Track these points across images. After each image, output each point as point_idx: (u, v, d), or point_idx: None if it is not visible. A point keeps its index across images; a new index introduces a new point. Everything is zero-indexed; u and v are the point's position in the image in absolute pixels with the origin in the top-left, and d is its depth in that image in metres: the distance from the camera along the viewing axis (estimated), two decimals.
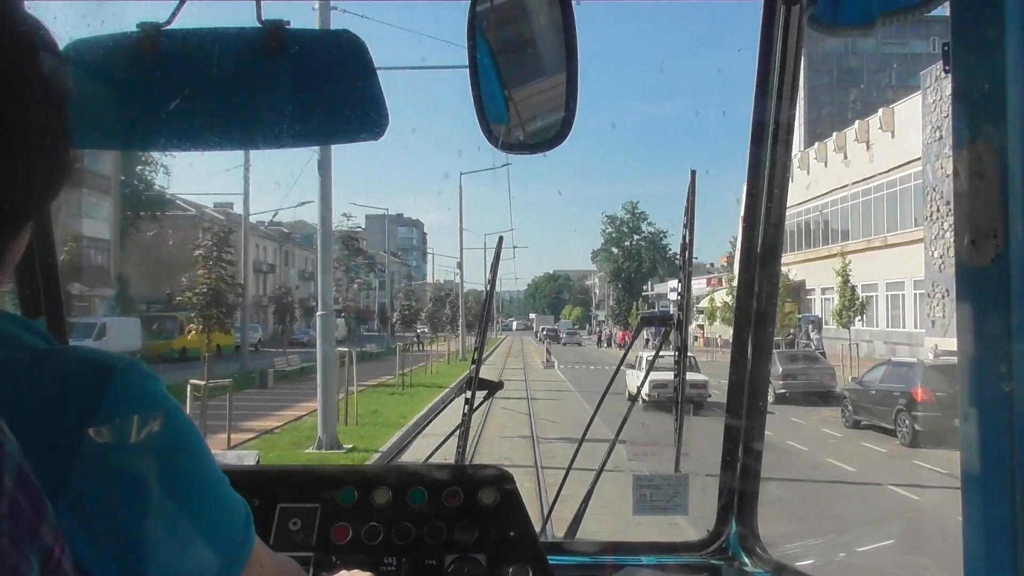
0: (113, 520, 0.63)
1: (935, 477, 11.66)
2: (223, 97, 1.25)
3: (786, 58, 1.73)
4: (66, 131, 0.70)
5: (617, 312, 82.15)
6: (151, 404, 0.67)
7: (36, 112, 0.66)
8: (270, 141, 1.33)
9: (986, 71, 0.75)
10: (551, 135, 1.24)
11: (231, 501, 0.74)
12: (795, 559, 1.86)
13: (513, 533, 1.48)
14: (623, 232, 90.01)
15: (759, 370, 1.90)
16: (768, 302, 1.89)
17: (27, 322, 0.69)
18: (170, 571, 0.66)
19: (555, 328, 77.35)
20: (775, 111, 1.77)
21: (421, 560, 1.45)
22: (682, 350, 2.03)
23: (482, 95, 1.22)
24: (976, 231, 0.74)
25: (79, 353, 0.67)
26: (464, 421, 2.01)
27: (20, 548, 0.49)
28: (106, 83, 1.15)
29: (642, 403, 2.82)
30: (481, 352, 2.18)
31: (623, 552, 1.86)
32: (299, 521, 1.48)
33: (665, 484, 1.94)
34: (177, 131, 1.27)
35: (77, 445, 0.61)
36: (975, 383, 0.77)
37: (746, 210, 1.88)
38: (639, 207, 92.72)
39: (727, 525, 1.91)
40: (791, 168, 1.82)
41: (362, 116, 1.28)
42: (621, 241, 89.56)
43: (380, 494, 1.52)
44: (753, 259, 1.88)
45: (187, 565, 0.68)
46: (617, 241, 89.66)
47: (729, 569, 1.82)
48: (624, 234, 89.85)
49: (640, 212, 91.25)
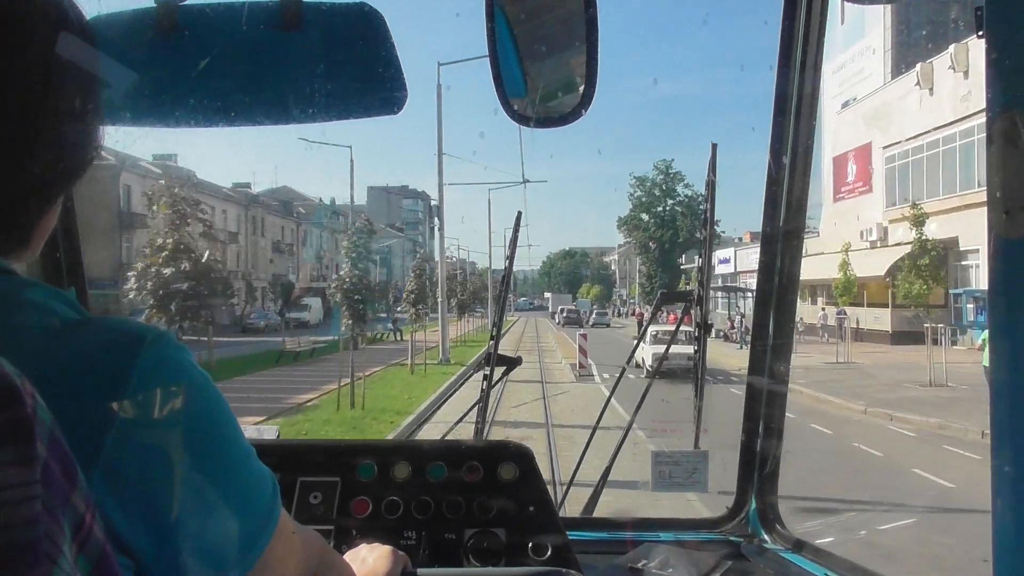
0: (144, 489, 0.63)
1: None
2: (241, 72, 1.24)
3: (810, 29, 1.69)
4: (95, 107, 0.71)
5: (648, 289, 69.39)
6: (181, 374, 0.67)
7: (65, 88, 0.67)
8: (288, 116, 1.32)
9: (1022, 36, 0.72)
10: (571, 108, 1.22)
11: (259, 472, 0.75)
12: (815, 536, 1.85)
13: (532, 508, 1.48)
14: (655, 196, 77.39)
15: (780, 348, 1.89)
16: (790, 281, 1.87)
17: (59, 292, 0.70)
18: (199, 540, 0.67)
19: (576, 309, 65.82)
20: (798, 83, 1.74)
21: (440, 534, 1.46)
22: (702, 326, 2.01)
23: (500, 67, 1.21)
24: (1010, 202, 0.72)
25: (110, 323, 0.67)
26: (483, 396, 2.01)
27: (53, 514, 0.50)
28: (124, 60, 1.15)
29: (645, 374, 2.86)
30: (500, 327, 2.19)
31: (642, 528, 1.86)
32: (319, 495, 1.50)
33: (684, 460, 1.94)
34: (194, 107, 1.27)
35: (108, 415, 0.61)
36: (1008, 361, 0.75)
37: (768, 186, 1.85)
38: (673, 167, 77.62)
39: (747, 502, 1.91)
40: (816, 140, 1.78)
41: (380, 90, 1.27)
42: (653, 206, 77.29)
43: (400, 469, 1.53)
44: (776, 236, 1.85)
45: (216, 534, 0.69)
46: (648, 207, 77.40)
47: (749, 546, 1.82)
48: (656, 198, 77.18)
49: (675, 172, 76.80)
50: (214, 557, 0.69)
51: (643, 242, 76.13)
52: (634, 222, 78.32)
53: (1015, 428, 0.75)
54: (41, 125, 0.65)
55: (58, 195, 0.71)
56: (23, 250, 0.70)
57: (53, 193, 0.70)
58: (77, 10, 0.71)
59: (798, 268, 1.88)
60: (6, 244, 0.68)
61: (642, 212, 77.58)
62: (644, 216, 77.12)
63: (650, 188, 77.76)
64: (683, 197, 75.21)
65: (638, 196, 78.27)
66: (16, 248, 0.69)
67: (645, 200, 77.66)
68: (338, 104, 1.35)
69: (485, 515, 1.47)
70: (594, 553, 1.70)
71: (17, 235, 0.69)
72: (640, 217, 77.37)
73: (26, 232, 0.69)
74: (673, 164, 78.31)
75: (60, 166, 0.68)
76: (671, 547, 1.76)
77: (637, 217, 77.81)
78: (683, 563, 1.64)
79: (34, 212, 0.69)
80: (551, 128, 1.27)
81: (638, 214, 77.86)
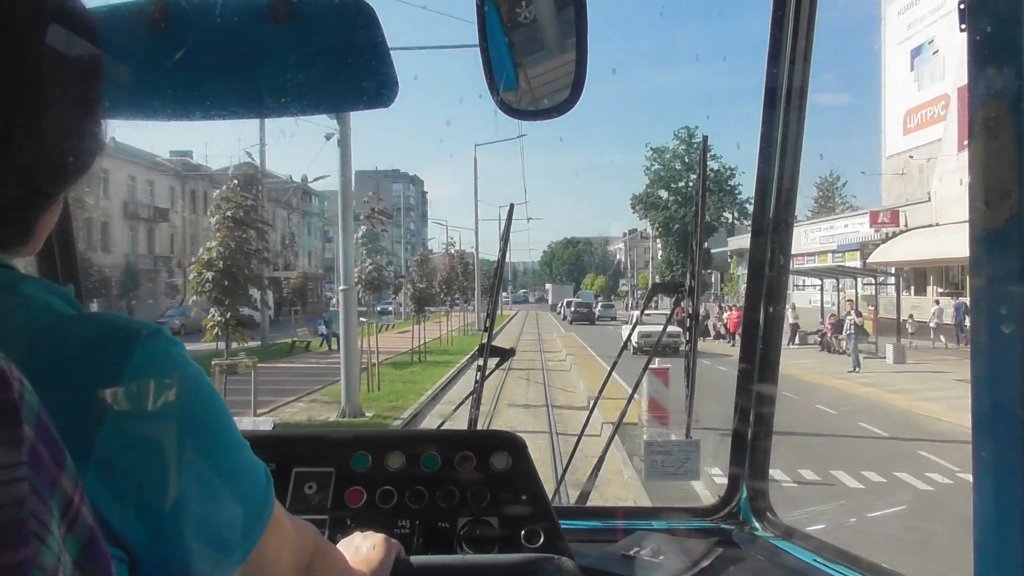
0: (138, 482, 0.64)
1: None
2: (230, 65, 1.25)
3: (799, 21, 1.70)
4: (97, 102, 0.71)
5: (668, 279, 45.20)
6: (175, 369, 0.68)
7: (66, 83, 0.67)
8: (278, 109, 1.33)
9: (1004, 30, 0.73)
10: (562, 100, 1.23)
11: (252, 464, 0.76)
12: (806, 524, 1.87)
13: (525, 497, 1.50)
14: (675, 170, 65.80)
15: (771, 339, 1.90)
16: (780, 271, 1.89)
17: (57, 288, 0.70)
18: (194, 532, 0.68)
19: (587, 302, 56.24)
20: (788, 75, 1.75)
21: (434, 523, 1.48)
22: (694, 317, 2.03)
23: (492, 60, 1.21)
24: (991, 192, 0.73)
25: (105, 319, 0.68)
26: (476, 388, 2.03)
27: (41, 495, 0.51)
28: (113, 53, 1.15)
29: (631, 350, 2.94)
30: (493, 320, 2.20)
31: (634, 517, 1.88)
32: (314, 485, 1.51)
33: (676, 450, 1.95)
34: (182, 100, 1.27)
35: (102, 408, 0.62)
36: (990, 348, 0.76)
37: (758, 178, 1.87)
38: (697, 135, 64.95)
39: (738, 491, 1.93)
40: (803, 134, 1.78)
41: (371, 83, 1.28)
42: (673, 181, 65.60)
43: (394, 458, 1.54)
44: (766, 226, 1.87)
45: (210, 526, 0.70)
46: (667, 182, 65.89)
47: (740, 533, 1.84)
48: (677, 172, 65.35)
49: (700, 142, 63.62)
50: (209, 548, 0.70)
51: (663, 223, 65.11)
52: (651, 200, 66.43)
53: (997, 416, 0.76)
54: (40, 118, 0.64)
55: (60, 191, 0.71)
56: (23, 246, 0.70)
57: (55, 188, 0.70)
58: (78, 2, 0.71)
59: (788, 259, 1.91)
60: (7, 239, 0.68)
61: (660, 188, 65.61)
62: (663, 193, 65.22)
63: (669, 161, 65.73)
64: (710, 170, 59.21)
65: (655, 170, 66.34)
66: (16, 244, 0.69)
67: (664, 175, 65.75)
68: (329, 97, 1.35)
69: (478, 504, 1.49)
70: (587, 542, 1.72)
71: (17, 230, 0.69)
72: (658, 194, 65.57)
73: (27, 228, 0.70)
74: (697, 132, 65.59)
75: (61, 161, 0.68)
76: (663, 535, 1.78)
77: (654, 194, 66.10)
78: (674, 550, 1.66)
79: (35, 207, 0.69)
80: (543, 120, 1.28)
81: (655, 191, 66.08)
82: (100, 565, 0.57)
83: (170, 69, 1.21)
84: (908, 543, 6.97)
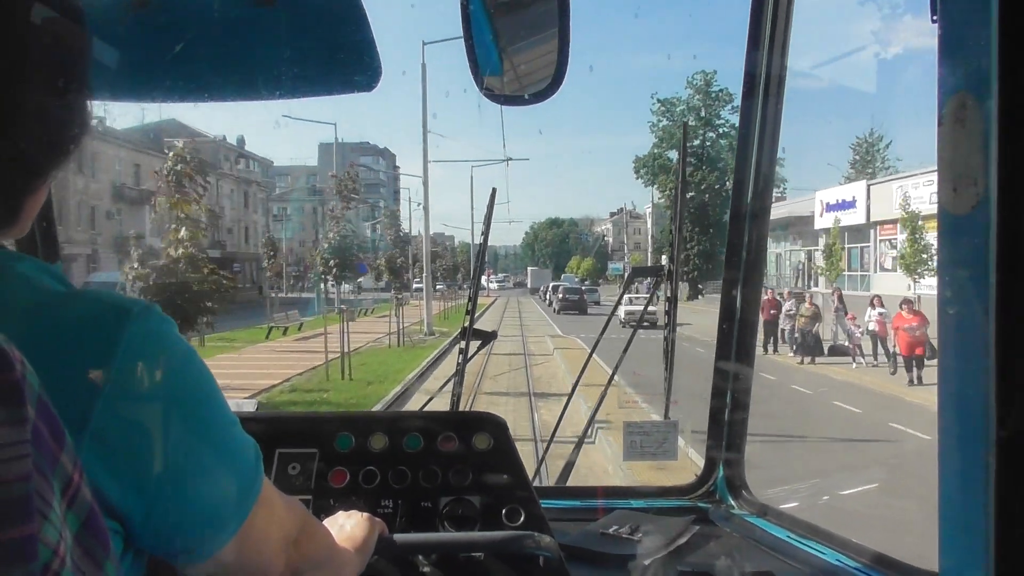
0: (131, 456, 0.66)
1: None
2: (215, 48, 1.25)
3: (778, 9, 1.73)
4: (84, 83, 0.71)
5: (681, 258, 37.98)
6: (167, 346, 0.69)
7: (53, 64, 0.67)
8: (262, 91, 1.33)
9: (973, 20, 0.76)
10: (543, 86, 1.24)
11: (242, 441, 0.77)
12: (780, 501, 1.92)
13: (506, 477, 1.52)
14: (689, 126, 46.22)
15: (747, 321, 1.94)
16: (757, 254, 1.93)
17: (47, 266, 0.71)
18: (186, 505, 0.69)
19: (577, 288, 47.43)
20: (767, 64, 1.77)
21: (417, 502, 1.50)
22: (672, 301, 2.06)
23: (475, 46, 1.22)
24: (958, 179, 0.76)
25: (97, 296, 0.69)
26: (459, 370, 2.05)
27: (43, 473, 0.52)
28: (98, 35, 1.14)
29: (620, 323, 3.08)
30: (475, 302, 2.22)
31: (613, 496, 1.92)
32: (298, 466, 1.52)
33: (654, 430, 1.99)
34: (170, 82, 1.27)
35: (96, 385, 0.63)
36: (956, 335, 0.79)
37: (736, 164, 1.91)
38: (716, 82, 51.21)
39: (715, 470, 1.97)
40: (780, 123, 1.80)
41: (355, 66, 1.28)
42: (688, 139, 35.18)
43: (377, 439, 1.56)
44: (743, 212, 1.90)
45: (202, 500, 0.72)
46: (679, 141, 34.96)
47: (716, 511, 1.88)
48: (691, 128, 46.67)
49: (720, 91, 51.19)
50: (200, 522, 0.72)
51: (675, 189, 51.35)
52: (659, 162, 52.66)
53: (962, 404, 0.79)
54: (26, 100, 0.65)
55: (47, 171, 0.71)
56: (11, 227, 0.71)
57: (41, 169, 0.70)
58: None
59: (765, 244, 1.95)
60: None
61: (670, 148, 51.49)
62: (673, 154, 50.45)
63: (681, 115, 52.40)
64: (728, 127, 50.24)
65: (664, 126, 52.75)
66: (5, 225, 0.70)
67: (675, 133, 51.91)
68: (313, 81, 1.36)
69: (460, 483, 1.51)
70: (567, 520, 1.75)
71: (5, 210, 0.69)
72: (667, 156, 51.64)
73: (15, 208, 0.70)
74: (716, 79, 51.51)
75: (46, 140, 0.68)
76: (641, 514, 1.82)
77: (662, 155, 52.41)
78: (652, 528, 1.70)
79: (22, 187, 0.69)
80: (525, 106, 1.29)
81: (664, 151, 52.40)
82: (99, 540, 0.59)
83: (155, 52, 1.21)
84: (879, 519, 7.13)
